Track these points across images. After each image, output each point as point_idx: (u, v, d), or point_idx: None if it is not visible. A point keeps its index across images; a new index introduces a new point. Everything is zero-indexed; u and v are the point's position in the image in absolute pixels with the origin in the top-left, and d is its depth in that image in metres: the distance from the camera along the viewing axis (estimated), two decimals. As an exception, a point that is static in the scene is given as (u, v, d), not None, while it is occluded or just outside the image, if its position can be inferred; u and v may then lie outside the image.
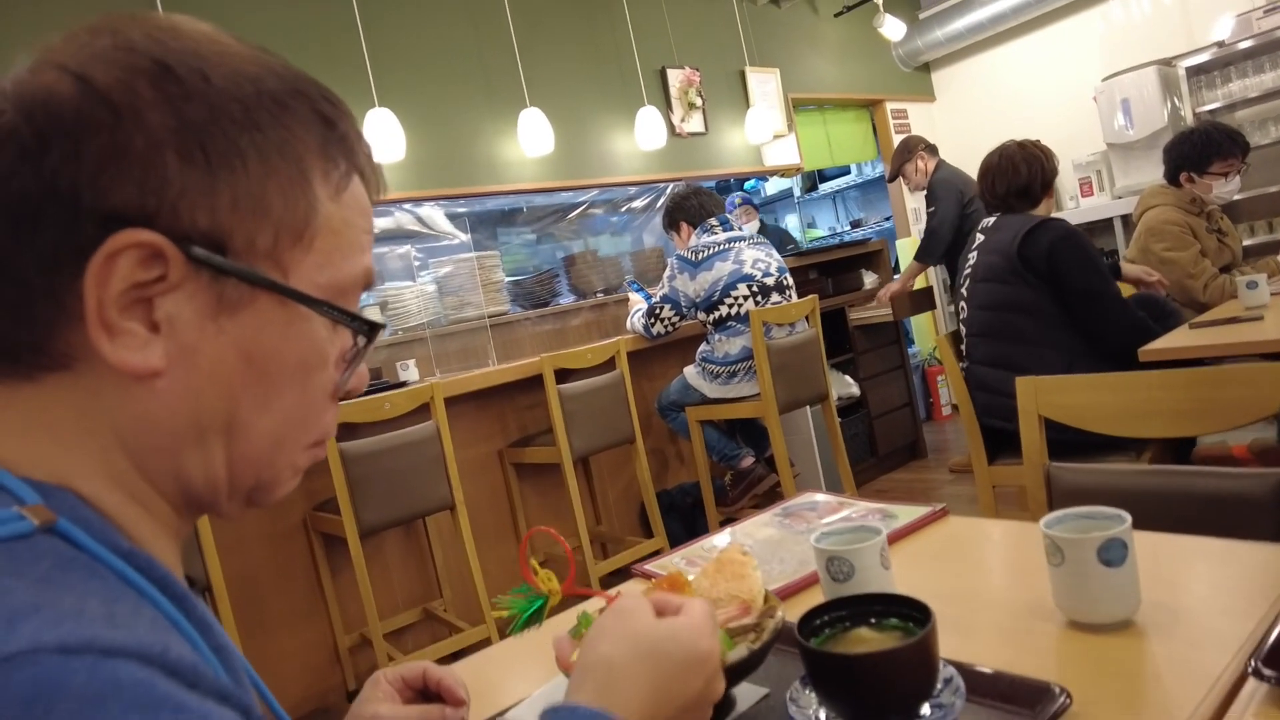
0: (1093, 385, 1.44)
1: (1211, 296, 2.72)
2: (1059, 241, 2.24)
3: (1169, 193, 3.01)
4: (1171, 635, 0.73)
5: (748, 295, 3.13)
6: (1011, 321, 2.32)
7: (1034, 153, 2.43)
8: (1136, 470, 1.36)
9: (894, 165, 4.19)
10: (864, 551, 0.83)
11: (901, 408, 4.34)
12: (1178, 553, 0.91)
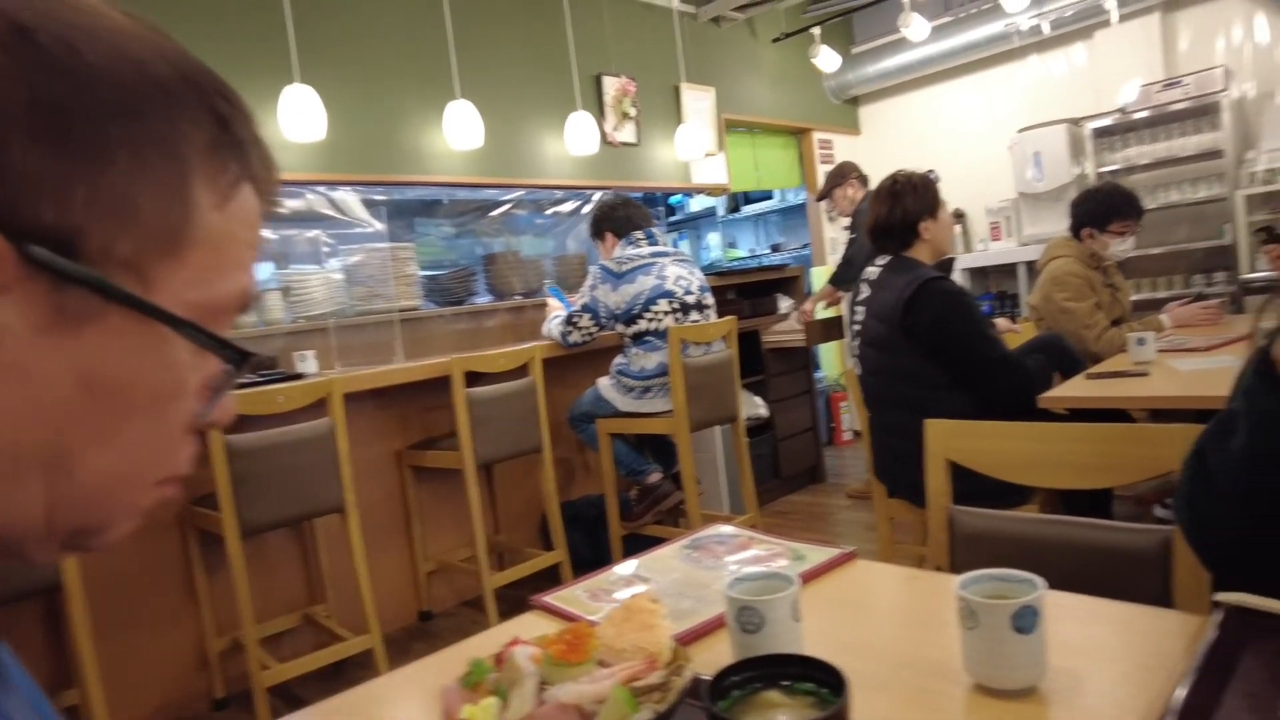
0: (1001, 433, 1.47)
1: (1103, 348, 2.85)
2: (941, 312, 2.21)
3: (1072, 245, 3.16)
4: (1074, 704, 0.72)
5: (668, 311, 3.11)
6: (900, 392, 2.31)
7: (901, 189, 2.36)
8: (1034, 519, 1.38)
9: (826, 186, 4.27)
10: (776, 604, 0.80)
11: (805, 431, 4.41)
12: (1077, 613, 0.91)
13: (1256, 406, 0.78)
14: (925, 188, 2.39)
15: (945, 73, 5.52)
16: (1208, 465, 0.88)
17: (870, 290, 2.42)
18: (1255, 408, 0.78)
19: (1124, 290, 3.29)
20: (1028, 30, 4.93)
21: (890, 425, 2.36)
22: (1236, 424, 0.83)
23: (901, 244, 2.39)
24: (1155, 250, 4.67)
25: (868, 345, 2.41)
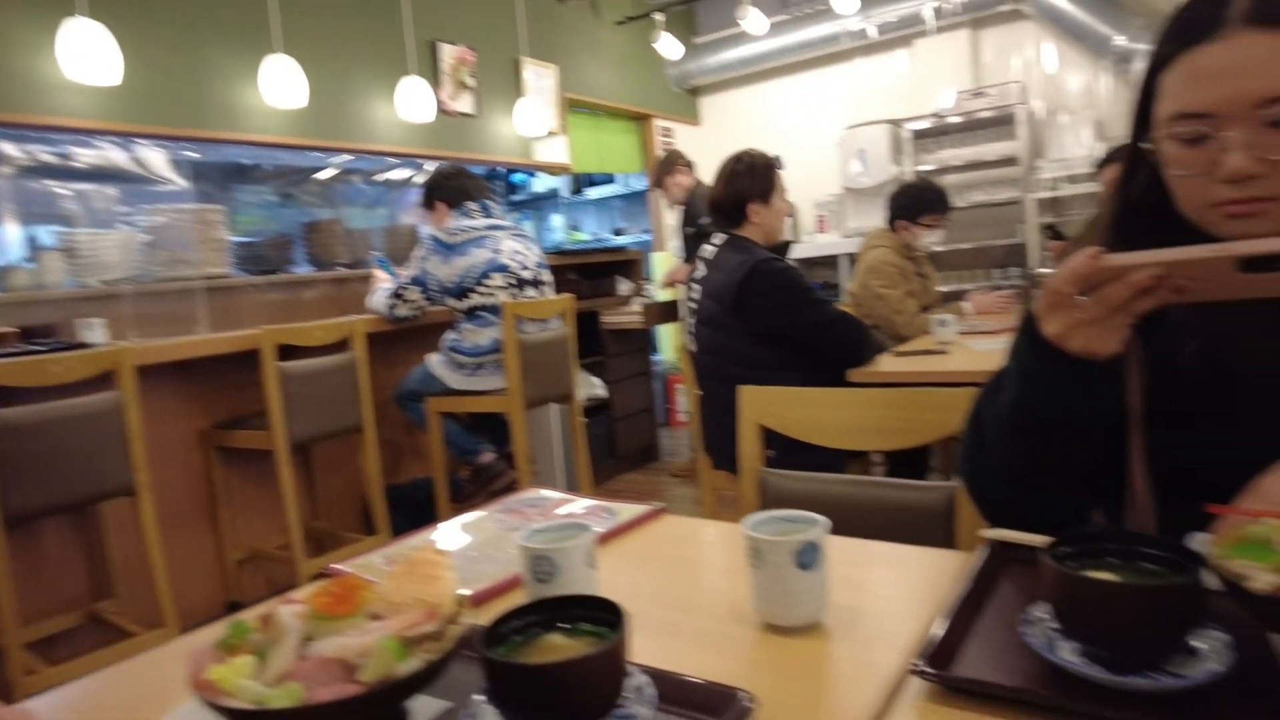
0: (809, 399, 1.53)
1: (911, 331, 3.06)
2: (773, 293, 2.27)
3: (889, 237, 3.37)
4: (852, 637, 0.75)
5: (502, 286, 3.04)
6: (731, 372, 2.33)
7: (738, 169, 2.39)
8: (838, 480, 1.45)
9: (656, 175, 4.32)
10: (569, 551, 0.78)
11: (642, 412, 4.47)
12: (862, 557, 0.96)
13: (1022, 363, 0.84)
14: (762, 171, 2.41)
15: (781, 69, 5.75)
16: (982, 421, 0.94)
17: (706, 270, 2.46)
18: (1021, 364, 0.84)
19: (933, 279, 3.55)
20: (856, 33, 5.21)
21: (722, 403, 2.41)
22: (1007, 381, 0.89)
23: (731, 222, 2.44)
24: (964, 246, 5.08)
25: (703, 324, 2.45)
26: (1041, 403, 0.82)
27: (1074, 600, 0.60)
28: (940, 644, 0.67)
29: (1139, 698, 0.58)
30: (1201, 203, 0.82)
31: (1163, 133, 0.83)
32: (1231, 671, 0.58)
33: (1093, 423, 0.83)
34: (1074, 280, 0.73)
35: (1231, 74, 0.77)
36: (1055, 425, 0.83)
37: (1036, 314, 0.79)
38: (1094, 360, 0.76)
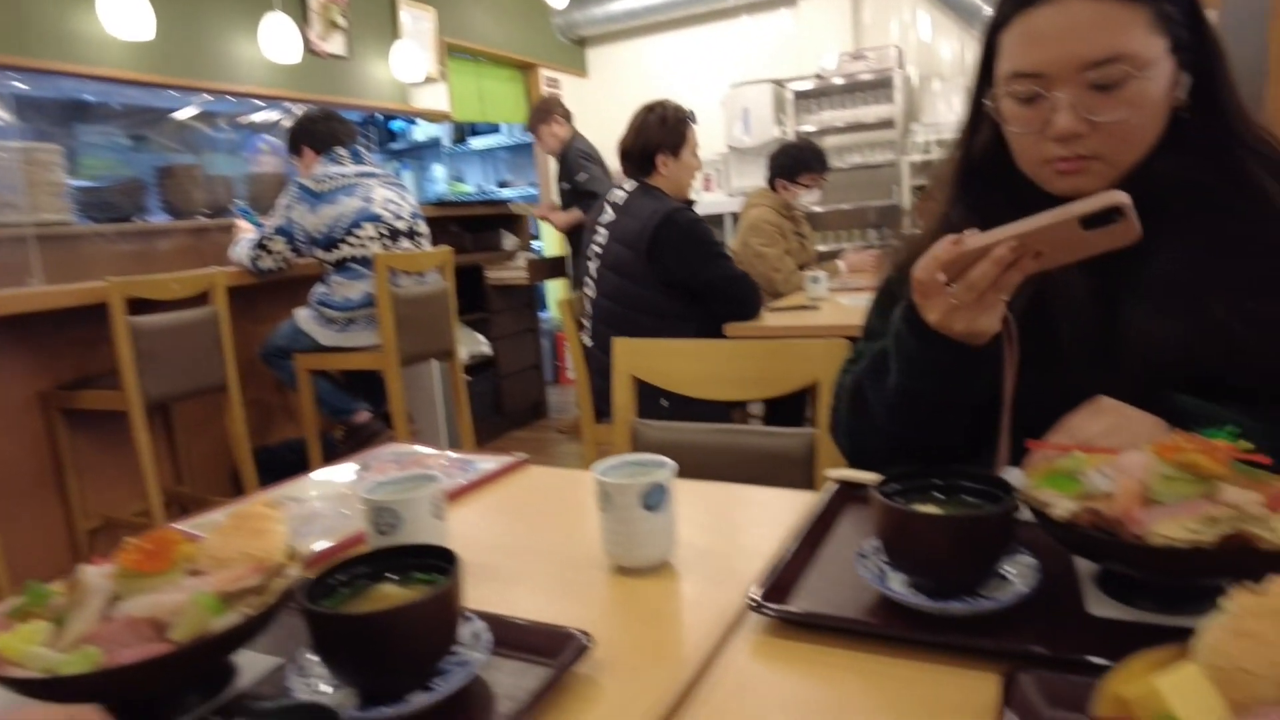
0: (680, 351, 1.54)
1: (787, 288, 3.14)
2: (685, 243, 2.30)
3: (769, 196, 3.42)
4: (699, 576, 0.76)
5: (374, 237, 2.91)
6: (636, 320, 2.36)
7: (653, 118, 2.39)
8: (707, 429, 1.47)
9: (531, 121, 4.20)
10: (413, 503, 0.76)
11: (529, 369, 4.43)
12: (716, 499, 0.97)
13: (904, 349, 0.85)
14: (674, 124, 2.40)
15: (669, 23, 5.70)
16: (867, 401, 0.94)
17: (615, 214, 2.44)
18: (906, 352, 0.85)
19: (811, 239, 3.64)
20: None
21: None
22: (889, 364, 0.90)
23: (640, 172, 2.43)
24: (844, 206, 5.23)
25: (608, 269, 2.42)
26: (928, 388, 0.84)
27: (898, 533, 0.63)
28: (777, 580, 0.68)
29: (955, 621, 0.61)
30: (1036, 159, 0.86)
31: (1001, 90, 0.86)
32: (1035, 592, 0.62)
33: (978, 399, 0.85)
34: (938, 267, 0.75)
35: (1060, 36, 0.80)
36: (942, 406, 0.85)
37: (915, 304, 0.80)
38: (976, 343, 0.78)
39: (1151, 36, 0.79)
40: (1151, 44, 0.79)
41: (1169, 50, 0.80)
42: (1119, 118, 0.79)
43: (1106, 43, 0.78)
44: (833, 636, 0.63)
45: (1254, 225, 0.81)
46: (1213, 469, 0.59)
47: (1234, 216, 0.81)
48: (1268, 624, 0.41)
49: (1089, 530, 0.58)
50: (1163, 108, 0.82)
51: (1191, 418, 0.77)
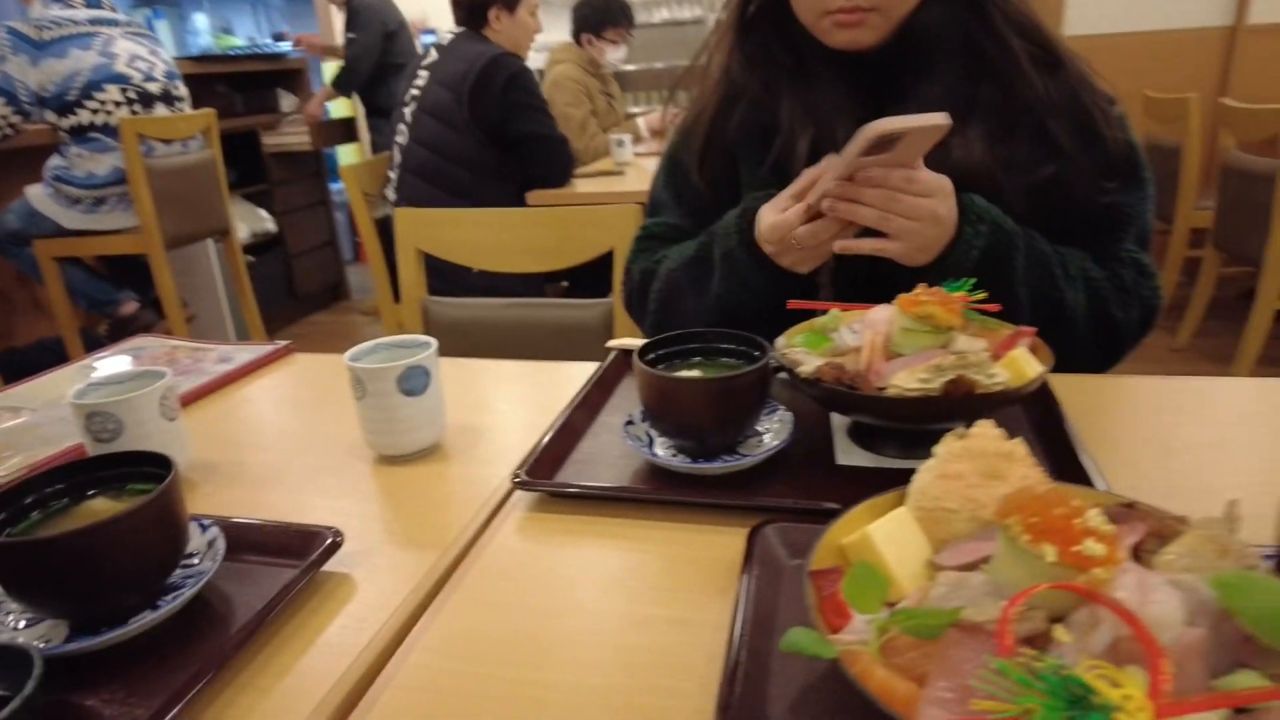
0: (469, 220, 1.46)
1: (592, 153, 3.06)
2: (508, 84, 2.17)
3: (573, 51, 3.26)
4: (470, 457, 0.73)
5: (121, 102, 2.51)
6: (450, 172, 2.23)
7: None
8: (502, 304, 1.42)
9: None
10: (136, 403, 0.66)
11: (324, 246, 4.11)
12: (493, 377, 0.94)
13: (737, 271, 0.86)
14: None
15: None
16: (681, 300, 0.94)
17: (438, 55, 2.26)
18: (735, 271, 0.86)
19: (619, 99, 3.54)
20: None
21: (428, 201, 2.26)
22: (711, 271, 0.89)
23: (471, 23, 2.27)
24: (657, 65, 5.10)
25: (426, 113, 2.24)
26: (756, 301, 0.86)
27: (658, 398, 0.62)
28: (543, 454, 0.67)
29: (711, 480, 0.62)
30: (815, 10, 0.85)
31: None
32: (789, 447, 0.64)
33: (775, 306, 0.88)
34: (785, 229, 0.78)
35: None
36: (757, 312, 0.86)
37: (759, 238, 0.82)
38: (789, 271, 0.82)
39: None
40: None
41: None
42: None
43: None
44: (598, 505, 0.63)
45: (998, 72, 0.84)
46: (947, 319, 0.62)
47: (984, 63, 0.85)
48: (967, 464, 0.44)
49: (832, 385, 0.60)
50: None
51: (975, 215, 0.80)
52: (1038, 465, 0.44)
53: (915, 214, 0.73)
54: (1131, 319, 0.87)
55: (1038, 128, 0.84)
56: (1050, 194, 0.85)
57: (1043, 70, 0.85)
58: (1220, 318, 2.97)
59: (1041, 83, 0.84)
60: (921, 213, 0.73)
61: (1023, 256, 0.80)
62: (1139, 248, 0.89)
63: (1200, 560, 0.38)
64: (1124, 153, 0.87)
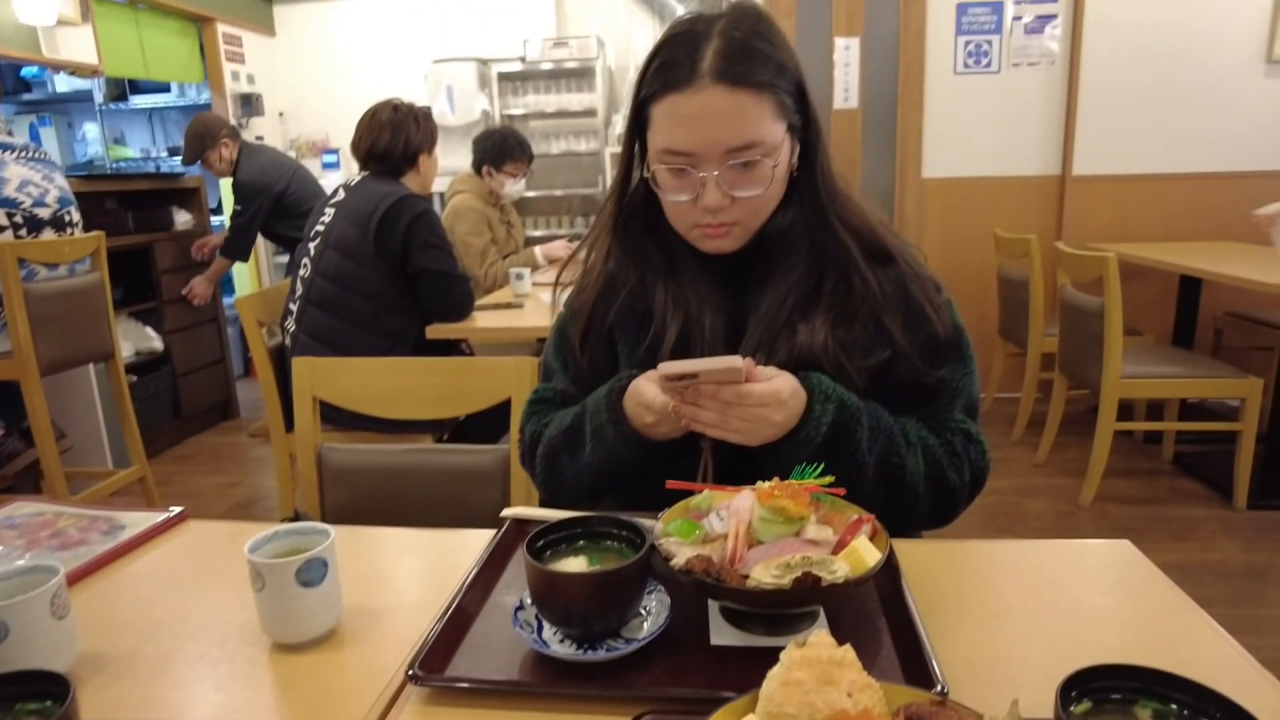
0: (364, 369, 1.49)
1: (492, 281, 3.16)
2: (414, 221, 2.27)
3: (474, 181, 3.40)
4: (366, 642, 0.76)
5: (5, 226, 2.45)
6: (352, 302, 2.28)
7: (404, 119, 2.40)
8: (398, 450, 1.45)
9: (192, 151, 3.69)
10: (24, 606, 0.67)
11: (213, 364, 4.01)
12: (391, 547, 0.97)
13: (605, 442, 0.96)
14: (428, 122, 2.46)
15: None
16: (561, 465, 1.04)
17: (345, 194, 2.37)
18: (604, 443, 0.97)
19: (518, 227, 3.68)
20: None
21: (326, 333, 2.27)
22: (584, 442, 0.99)
23: (395, 173, 2.40)
24: (555, 192, 5.33)
25: (331, 247, 2.30)
26: (624, 468, 0.97)
27: (543, 589, 0.68)
28: (436, 642, 0.71)
29: (598, 666, 0.68)
30: (686, 223, 0.98)
31: (655, 160, 0.95)
32: (667, 629, 0.70)
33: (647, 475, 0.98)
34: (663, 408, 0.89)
35: (705, 122, 0.90)
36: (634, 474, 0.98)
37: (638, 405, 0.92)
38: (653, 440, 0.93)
39: (775, 123, 0.91)
40: (776, 130, 0.91)
41: (787, 131, 0.93)
42: (755, 193, 0.92)
43: (742, 131, 0.89)
44: (495, 697, 0.67)
45: (839, 267, 0.98)
46: (798, 511, 0.71)
47: (827, 260, 0.98)
48: (805, 671, 0.51)
49: (700, 576, 0.67)
50: (785, 178, 0.96)
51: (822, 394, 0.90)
52: (863, 671, 0.52)
53: (751, 420, 0.85)
54: (964, 480, 0.99)
55: (873, 317, 0.97)
56: (886, 373, 0.97)
57: (876, 264, 0.99)
58: (1073, 433, 3.26)
59: (875, 277, 0.98)
60: (756, 419, 0.85)
61: (866, 429, 0.92)
62: (967, 416, 1.02)
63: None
64: (949, 334, 1.01)
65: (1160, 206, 3.75)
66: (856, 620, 0.74)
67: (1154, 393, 2.74)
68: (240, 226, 3.67)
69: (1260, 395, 2.64)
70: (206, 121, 3.74)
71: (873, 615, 0.74)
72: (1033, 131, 3.79)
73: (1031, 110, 3.78)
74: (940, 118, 3.84)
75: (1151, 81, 3.67)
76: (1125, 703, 0.53)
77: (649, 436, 0.93)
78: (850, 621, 0.73)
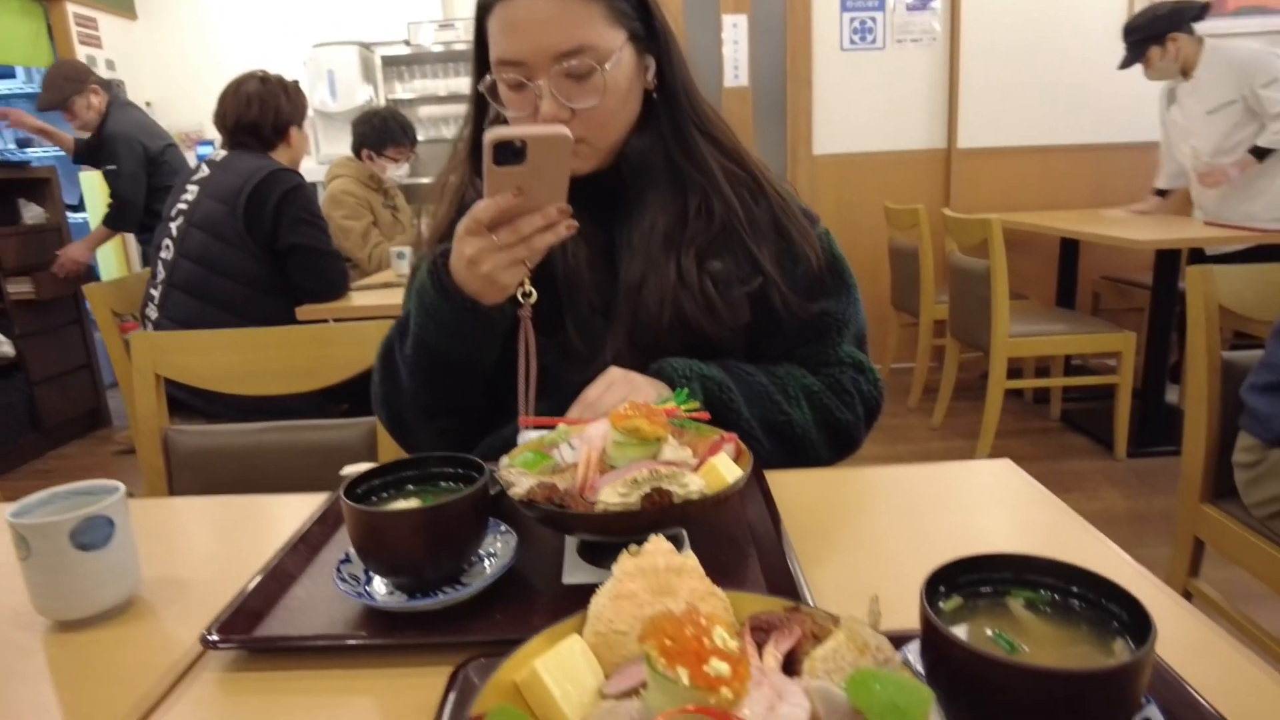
0: (210, 344, 1.36)
1: (376, 264, 3.01)
2: (286, 196, 2.12)
3: (353, 165, 3.23)
4: (166, 615, 0.65)
5: None
6: (220, 286, 2.12)
7: (273, 90, 2.26)
8: (254, 429, 1.33)
9: (55, 93, 3.34)
10: None
11: (78, 370, 3.70)
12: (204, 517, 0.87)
13: (424, 301, 0.85)
14: (295, 93, 2.34)
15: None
16: (395, 365, 0.94)
17: (210, 170, 2.19)
18: (424, 303, 0.85)
19: (405, 212, 3.52)
20: (318, -58, 4.82)
21: (194, 319, 2.09)
22: (409, 320, 0.90)
23: (265, 147, 2.25)
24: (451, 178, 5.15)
25: (196, 226, 2.13)
26: (443, 343, 0.86)
27: (365, 535, 0.59)
28: (245, 605, 0.61)
29: (430, 616, 0.59)
30: None
31: (495, 75, 0.88)
32: (513, 567, 0.63)
33: (488, 364, 0.89)
34: (495, 210, 0.76)
35: (530, 28, 0.83)
36: (456, 365, 0.88)
37: (456, 238, 0.80)
38: (490, 299, 0.82)
39: (610, 29, 0.85)
40: (610, 35, 0.85)
41: (628, 40, 0.87)
42: (592, 104, 0.85)
43: (570, 35, 0.83)
44: (305, 659, 0.58)
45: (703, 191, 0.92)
46: (653, 431, 0.64)
47: (691, 183, 0.92)
48: (639, 583, 0.44)
49: (544, 505, 0.60)
50: (633, 92, 0.90)
51: (682, 377, 0.86)
52: (706, 579, 0.46)
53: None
54: (857, 416, 0.95)
55: (743, 247, 0.92)
56: (763, 302, 0.92)
57: (744, 193, 0.94)
58: (967, 399, 3.35)
59: (741, 205, 0.93)
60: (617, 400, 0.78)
61: (741, 398, 0.88)
62: (856, 346, 0.98)
63: (843, 660, 0.40)
64: (828, 265, 0.97)
65: (1040, 177, 3.89)
66: (724, 548, 0.68)
67: (1039, 350, 2.82)
68: (121, 196, 3.33)
69: (1134, 349, 2.75)
70: (74, 65, 3.43)
71: (740, 542, 0.68)
72: (919, 106, 3.87)
73: (917, 86, 3.86)
74: (829, 94, 3.88)
75: (1027, 57, 3.80)
76: (997, 595, 0.49)
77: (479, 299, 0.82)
78: (718, 549, 0.67)
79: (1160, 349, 2.83)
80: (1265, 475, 1.30)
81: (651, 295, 0.90)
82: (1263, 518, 1.33)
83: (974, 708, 0.41)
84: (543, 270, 0.91)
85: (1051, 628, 0.46)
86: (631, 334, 0.91)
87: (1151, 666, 0.43)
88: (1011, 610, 0.47)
